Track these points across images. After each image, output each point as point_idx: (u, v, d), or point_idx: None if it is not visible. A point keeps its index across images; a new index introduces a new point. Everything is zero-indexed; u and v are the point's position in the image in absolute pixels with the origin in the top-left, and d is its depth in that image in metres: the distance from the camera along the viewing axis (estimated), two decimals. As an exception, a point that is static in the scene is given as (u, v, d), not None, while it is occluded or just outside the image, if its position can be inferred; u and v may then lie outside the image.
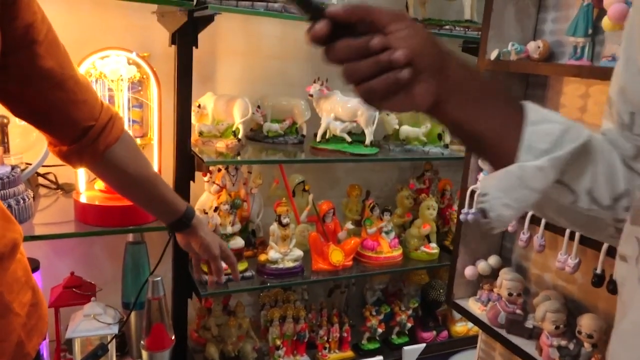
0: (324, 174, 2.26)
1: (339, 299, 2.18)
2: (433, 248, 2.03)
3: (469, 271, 1.33)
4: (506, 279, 1.23)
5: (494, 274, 1.34)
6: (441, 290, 2.08)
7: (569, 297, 1.18)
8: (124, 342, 1.87)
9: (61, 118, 0.81)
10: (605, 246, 0.96)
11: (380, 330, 2.01)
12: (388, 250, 1.96)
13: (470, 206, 1.26)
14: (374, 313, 2.01)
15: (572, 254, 1.00)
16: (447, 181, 2.25)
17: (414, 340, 2.09)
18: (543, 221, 1.07)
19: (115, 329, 1.52)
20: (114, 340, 1.60)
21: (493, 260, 1.33)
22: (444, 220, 2.21)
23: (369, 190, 2.11)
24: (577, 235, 0.99)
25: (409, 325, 2.07)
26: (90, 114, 0.85)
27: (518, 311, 1.22)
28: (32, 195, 1.38)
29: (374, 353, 1.98)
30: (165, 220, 1.07)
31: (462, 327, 2.16)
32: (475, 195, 1.25)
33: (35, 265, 1.65)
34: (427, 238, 2.07)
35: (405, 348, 1.99)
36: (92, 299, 1.55)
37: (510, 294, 1.22)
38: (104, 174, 0.95)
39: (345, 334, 1.96)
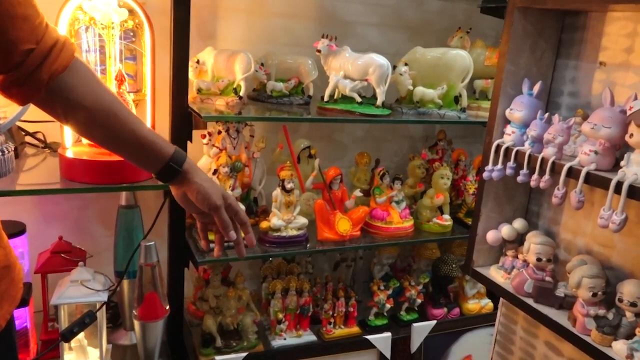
0: (331, 142, 2.14)
1: (345, 273, 2.06)
2: (446, 220, 1.90)
3: (491, 235, 1.21)
4: (535, 243, 1.11)
5: (518, 240, 1.22)
6: (454, 265, 1.96)
7: (607, 264, 1.06)
8: (117, 314, 1.77)
9: None
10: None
11: (388, 306, 1.90)
12: (398, 220, 1.83)
13: (495, 162, 1.13)
14: (382, 287, 1.90)
15: (619, 209, 0.88)
16: (462, 151, 2.12)
17: (423, 317, 1.97)
18: (582, 174, 0.94)
19: (104, 297, 1.41)
20: (103, 309, 1.49)
21: (519, 223, 1.21)
22: (458, 192, 2.09)
23: (378, 159, 1.99)
24: (624, 187, 0.86)
25: (419, 301, 1.96)
26: (30, 34, 0.70)
27: (547, 278, 1.10)
28: (12, 148, 1.26)
29: (381, 329, 1.87)
30: (150, 168, 0.90)
31: (474, 305, 2.04)
32: (501, 151, 1.12)
33: (20, 229, 1.55)
34: (440, 210, 1.95)
35: (415, 325, 1.87)
36: (80, 263, 1.44)
37: (539, 259, 1.10)
38: (56, 110, 0.79)
39: (351, 309, 1.85)
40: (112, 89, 0.85)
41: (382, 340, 1.81)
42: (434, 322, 1.91)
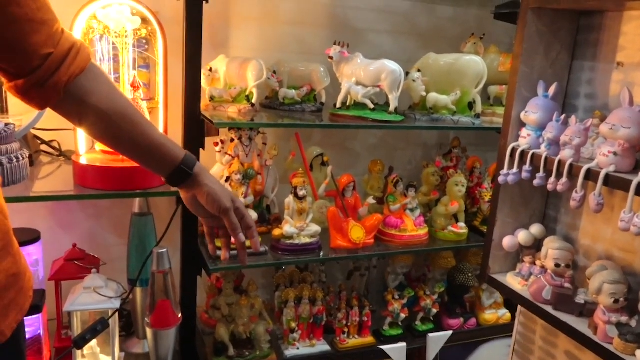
0: (344, 150, 2.13)
1: (359, 282, 2.04)
2: (461, 228, 1.87)
3: (507, 241, 1.18)
4: (553, 248, 1.07)
5: (535, 246, 1.19)
6: (469, 275, 1.92)
7: (628, 269, 1.02)
8: (130, 322, 1.76)
9: (14, 41, 0.69)
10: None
11: (403, 316, 1.86)
12: (413, 228, 1.81)
13: (511, 166, 1.11)
14: (396, 297, 1.87)
15: (640, 211, 0.85)
16: (476, 158, 2.09)
17: (439, 328, 1.93)
18: (601, 176, 0.91)
19: (117, 304, 1.41)
20: (116, 316, 1.49)
21: (536, 229, 1.18)
22: (473, 200, 2.06)
23: (392, 167, 1.96)
24: (644, 189, 0.83)
25: (434, 311, 1.92)
26: (49, 38, 0.72)
27: (567, 285, 1.07)
28: (26, 156, 1.27)
29: (396, 339, 1.83)
30: (161, 171, 0.92)
31: (492, 315, 2.00)
32: (517, 154, 1.10)
33: (35, 236, 1.56)
34: (455, 218, 1.92)
35: (430, 335, 1.84)
36: (93, 270, 1.44)
37: (557, 265, 1.07)
38: (72, 113, 0.81)
39: (365, 319, 1.82)
40: (125, 94, 0.85)
41: (397, 350, 1.78)
42: (450, 332, 1.87)
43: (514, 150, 1.11)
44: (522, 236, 1.17)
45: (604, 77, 1.08)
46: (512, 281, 1.18)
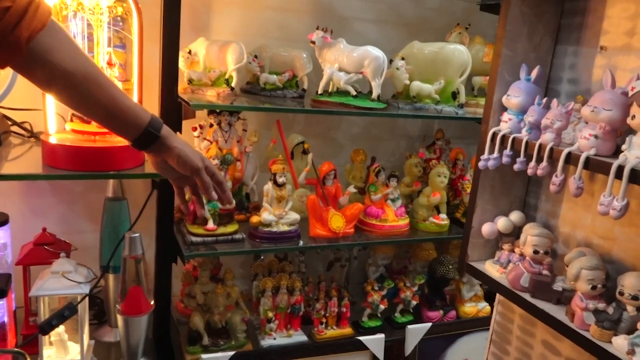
0: (327, 140, 2.10)
1: (339, 273, 2.01)
2: (443, 219, 1.85)
3: (486, 228, 1.15)
4: (531, 235, 1.05)
5: (515, 233, 1.17)
6: (450, 267, 1.90)
7: (607, 257, 1.01)
8: (103, 310, 1.71)
9: None
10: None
11: (382, 307, 1.84)
12: (394, 218, 1.79)
13: (492, 151, 1.09)
14: (376, 288, 1.84)
15: (620, 194, 0.83)
16: (460, 150, 2.08)
17: (419, 320, 1.91)
18: (581, 159, 0.89)
19: (86, 289, 1.36)
20: (86, 303, 1.44)
21: (515, 216, 1.16)
22: (456, 191, 2.04)
23: (374, 156, 1.94)
24: (626, 171, 0.81)
25: (414, 303, 1.90)
26: None
27: (545, 272, 1.05)
28: (-7, 132, 1.22)
29: (375, 331, 1.81)
30: (128, 134, 0.90)
31: (471, 308, 1.98)
32: (497, 138, 1.07)
33: (3, 219, 1.50)
34: (437, 209, 1.90)
35: (409, 327, 1.82)
36: (62, 254, 1.39)
37: (536, 252, 1.05)
38: (34, 74, 0.78)
39: (344, 310, 1.79)
40: (87, 55, 0.83)
41: (375, 341, 1.75)
42: (429, 324, 1.85)
43: (494, 134, 1.08)
44: (501, 223, 1.15)
45: (587, 62, 1.07)
46: (491, 269, 1.16)
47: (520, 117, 1.06)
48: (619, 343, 0.87)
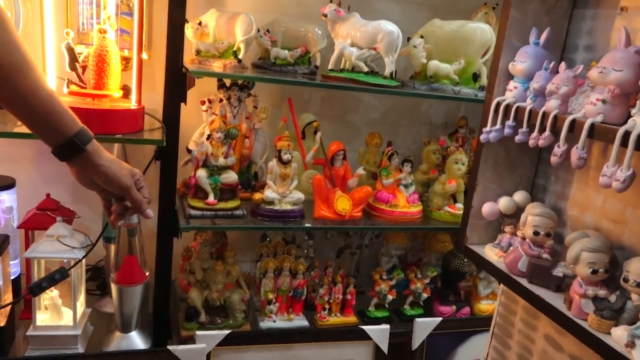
0: (344, 122, 2.02)
1: (349, 261, 1.94)
2: (458, 209, 1.75)
3: (487, 208, 1.06)
4: (532, 214, 0.95)
5: (518, 215, 1.07)
6: (465, 260, 1.80)
7: (617, 242, 0.89)
8: (106, 282, 1.71)
9: None
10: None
11: (390, 297, 1.76)
12: (405, 204, 1.70)
13: (494, 123, 0.99)
14: (384, 277, 1.76)
15: (625, 163, 0.72)
16: (484, 139, 1.96)
17: (429, 314, 1.82)
18: (586, 126, 0.79)
19: (79, 255, 1.35)
20: (81, 268, 1.44)
21: (519, 196, 1.05)
22: (476, 182, 1.92)
23: (390, 141, 1.85)
24: (632, 137, 0.71)
25: (425, 295, 1.81)
26: None
27: (545, 255, 0.95)
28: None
29: (380, 321, 1.73)
30: (51, 140, 0.84)
31: (487, 305, 1.87)
32: (501, 109, 0.98)
33: (9, 182, 1.53)
34: (453, 198, 1.80)
35: (418, 320, 1.71)
36: (58, 218, 1.39)
37: (536, 233, 0.95)
38: None
39: (349, 297, 1.72)
40: (27, 51, 0.79)
41: (380, 332, 1.67)
42: (439, 319, 1.74)
43: (497, 104, 0.99)
44: (503, 203, 1.05)
45: (605, 26, 0.96)
46: (490, 252, 1.06)
47: (527, 85, 0.96)
48: (618, 334, 0.76)
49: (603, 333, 0.79)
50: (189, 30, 1.57)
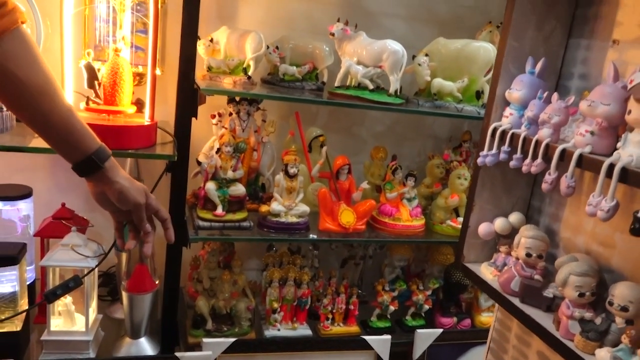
0: (350, 136, 2.07)
1: (353, 271, 1.98)
2: (460, 223, 1.78)
3: (483, 228, 1.10)
4: (526, 237, 0.99)
5: (514, 235, 1.11)
6: (467, 273, 1.83)
7: (605, 265, 0.93)
8: (117, 289, 1.77)
9: None
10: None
11: (392, 308, 1.80)
12: (408, 218, 1.74)
13: (491, 147, 1.04)
14: (387, 288, 1.80)
15: (609, 194, 0.76)
16: (487, 153, 1.99)
17: (430, 325, 1.86)
18: (574, 156, 0.83)
19: (92, 263, 1.41)
20: (94, 277, 1.50)
21: (515, 217, 1.10)
22: (479, 196, 1.96)
23: (395, 155, 1.90)
24: (616, 169, 0.75)
25: (427, 307, 1.85)
26: None
27: (537, 277, 0.99)
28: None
29: (382, 332, 1.77)
30: (71, 157, 0.88)
31: (488, 318, 1.90)
32: (497, 134, 1.02)
33: (27, 192, 1.59)
34: (456, 212, 1.84)
35: (419, 331, 1.76)
36: (73, 228, 1.45)
37: (528, 255, 0.99)
38: None
39: (352, 307, 1.77)
40: (50, 72, 0.82)
41: (381, 342, 1.71)
42: (440, 330, 1.79)
43: (494, 130, 1.03)
44: (499, 224, 1.09)
45: (598, 56, 0.99)
46: (485, 271, 1.10)
47: (522, 112, 1.00)
48: (602, 355, 0.80)
49: (588, 354, 0.83)
50: (200, 47, 1.62)
